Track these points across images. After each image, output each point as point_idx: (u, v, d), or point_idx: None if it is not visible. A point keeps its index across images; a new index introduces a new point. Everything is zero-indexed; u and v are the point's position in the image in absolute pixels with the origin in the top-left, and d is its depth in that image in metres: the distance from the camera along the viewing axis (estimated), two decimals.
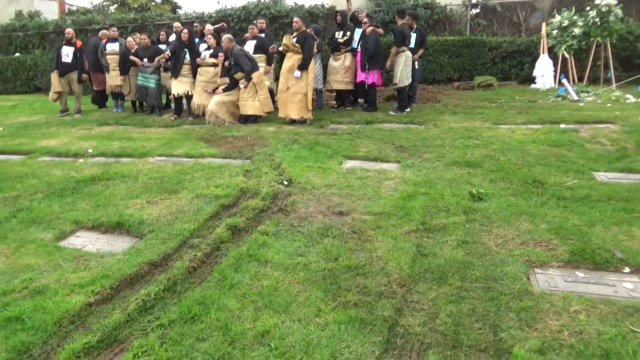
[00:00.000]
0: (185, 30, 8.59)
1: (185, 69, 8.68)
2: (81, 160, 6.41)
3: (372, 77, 8.27)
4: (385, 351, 2.40)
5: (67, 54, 9.63)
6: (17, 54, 15.56)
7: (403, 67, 8.01)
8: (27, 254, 3.63)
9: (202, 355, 2.41)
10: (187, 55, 8.64)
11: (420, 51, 8.67)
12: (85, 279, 3.18)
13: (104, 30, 10.51)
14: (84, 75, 9.94)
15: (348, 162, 5.76)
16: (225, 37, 7.89)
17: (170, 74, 8.84)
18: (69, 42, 9.76)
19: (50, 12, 17.88)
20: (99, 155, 6.65)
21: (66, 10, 17.39)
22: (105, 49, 9.91)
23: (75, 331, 2.70)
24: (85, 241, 3.92)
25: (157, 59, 9.12)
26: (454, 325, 2.55)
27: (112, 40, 10.05)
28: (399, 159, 5.74)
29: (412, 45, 8.51)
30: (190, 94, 8.69)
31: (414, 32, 8.51)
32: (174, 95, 8.79)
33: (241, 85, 7.81)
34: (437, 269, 3.13)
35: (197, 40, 9.17)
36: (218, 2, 18.93)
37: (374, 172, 5.25)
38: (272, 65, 8.88)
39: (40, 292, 3.05)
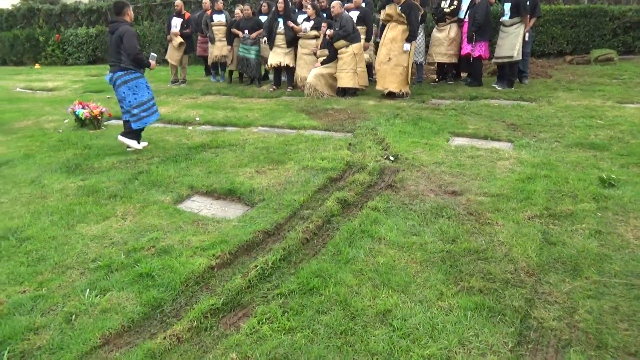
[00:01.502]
0: (281, 0, 8.56)
1: (279, 39, 8.64)
2: (190, 127, 6.69)
3: (479, 50, 7.78)
4: (519, 344, 2.24)
5: (176, 25, 10.05)
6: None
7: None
8: (151, 214, 3.85)
9: (324, 328, 2.41)
10: (281, 25, 8.61)
11: (532, 20, 7.95)
12: (205, 242, 3.31)
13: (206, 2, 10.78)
14: (182, 41, 10.26)
15: (455, 139, 5.50)
16: (336, 2, 7.75)
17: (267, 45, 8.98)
18: (179, 14, 10.17)
19: None
20: (205, 123, 6.92)
21: None
22: (212, 20, 10.19)
23: (200, 292, 2.82)
24: (200, 205, 4.09)
25: (254, 34, 9.22)
26: (596, 324, 2.33)
27: (218, 11, 10.32)
28: (512, 138, 5.38)
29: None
30: (286, 64, 8.71)
31: None
32: (270, 65, 8.88)
33: (365, 49, 7.84)
34: (569, 259, 2.88)
35: (296, 11, 9.13)
36: None
37: (485, 151, 4.96)
38: (372, 39, 8.63)
39: (167, 251, 3.22)
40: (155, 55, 5.82)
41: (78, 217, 3.84)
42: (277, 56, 8.69)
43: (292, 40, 8.57)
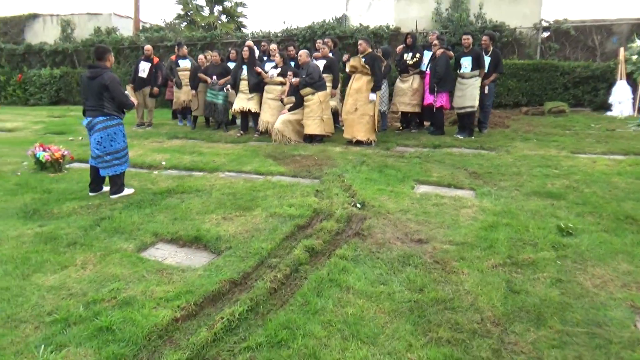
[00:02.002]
0: (245, 49, 8.82)
1: (243, 84, 8.86)
2: (156, 172, 6.59)
3: (440, 100, 8.14)
4: None
5: (144, 69, 10.09)
6: None
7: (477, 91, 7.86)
8: (113, 263, 3.72)
9: None
10: (245, 72, 8.82)
11: (495, 75, 8.41)
12: (169, 293, 3.22)
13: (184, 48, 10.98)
14: (155, 89, 10.35)
15: (420, 187, 5.62)
16: (303, 51, 8.03)
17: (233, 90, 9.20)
18: (147, 58, 10.23)
19: (125, 29, 18.84)
20: (171, 168, 6.84)
21: (140, 27, 18.24)
22: (177, 66, 10.31)
23: (163, 347, 2.71)
24: (165, 253, 3.99)
25: (222, 80, 9.38)
26: None
27: (183, 57, 10.47)
28: (474, 186, 5.56)
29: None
30: (249, 110, 8.82)
31: (488, 56, 8.32)
32: (235, 110, 9.00)
33: (331, 96, 8.22)
34: (533, 308, 2.94)
35: (265, 58, 9.38)
36: (284, 22, 19.48)
37: (449, 199, 5.09)
38: (338, 87, 8.92)
39: (128, 303, 3.10)
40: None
41: (34, 267, 3.67)
42: (241, 101, 8.86)
43: (256, 86, 8.76)
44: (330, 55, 8.79)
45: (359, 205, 4.90)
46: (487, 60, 8.19)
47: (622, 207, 4.67)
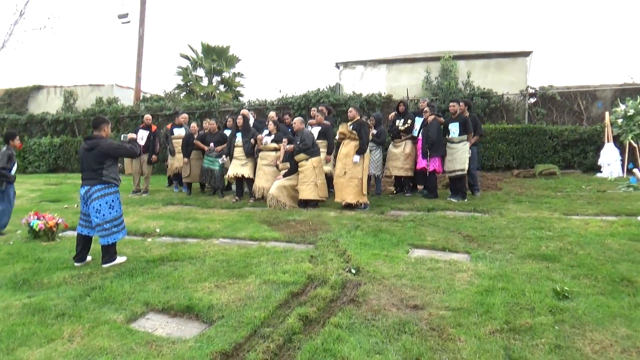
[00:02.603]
0: (240, 116, 9.12)
1: (238, 151, 9.06)
2: (150, 239, 6.54)
3: (433, 165, 8.31)
4: None
5: (142, 137, 10.31)
6: None
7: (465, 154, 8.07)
8: (101, 335, 3.63)
9: None
10: (239, 138, 9.06)
11: (475, 138, 8.61)
12: None
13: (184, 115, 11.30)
14: (154, 157, 10.53)
15: (415, 251, 5.59)
16: (298, 118, 8.30)
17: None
18: (146, 127, 10.50)
19: (126, 99, 19.43)
20: (166, 235, 6.79)
21: (141, 97, 18.74)
22: (172, 133, 10.57)
23: None
24: (155, 324, 3.90)
25: (219, 147, 9.61)
26: None
27: (178, 125, 10.78)
28: (468, 249, 5.53)
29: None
30: (242, 175, 8.96)
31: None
32: (229, 176, 9.14)
33: (326, 162, 8.39)
34: None
35: (264, 126, 9.70)
36: (279, 91, 21.09)
37: (444, 263, 5.06)
38: (332, 153, 9.13)
39: None
40: (127, 136, 5.96)
41: (20, 340, 3.57)
42: (235, 167, 9.02)
43: (250, 152, 8.96)
44: (326, 122, 9.05)
45: (353, 271, 4.86)
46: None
47: (617, 269, 4.65)
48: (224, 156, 9.34)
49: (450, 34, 58.56)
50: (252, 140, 8.93)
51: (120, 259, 5.51)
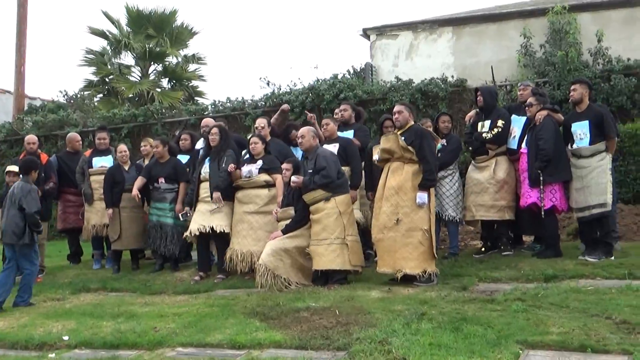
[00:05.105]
0: (215, 130, 6.19)
1: (204, 188, 6.14)
2: (52, 355, 4.55)
3: (551, 198, 5.66)
4: None
5: None
6: None
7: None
8: None
9: None
10: (206, 167, 6.12)
11: (613, 143, 5.76)
12: None
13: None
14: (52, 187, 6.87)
15: (531, 355, 3.87)
16: (307, 129, 5.61)
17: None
18: (30, 156, 6.85)
19: (1, 111, 14.24)
20: (81, 345, 4.64)
21: (25, 107, 13.28)
22: (91, 166, 7.19)
23: None
24: None
25: (180, 200, 6.55)
26: None
27: (101, 152, 7.34)
28: (628, 347, 3.69)
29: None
30: (211, 230, 6.00)
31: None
32: (191, 233, 6.09)
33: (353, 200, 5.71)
34: None
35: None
36: (268, 84, 11.79)
37: None
38: (360, 185, 6.12)
39: None
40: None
41: None
42: (201, 217, 6.04)
43: (226, 189, 5.98)
44: (347, 135, 6.24)
45: None
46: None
47: None
48: (186, 208, 6.37)
49: None
50: (231, 167, 5.98)
51: None
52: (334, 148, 5.85)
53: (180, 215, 6.35)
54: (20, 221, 5.40)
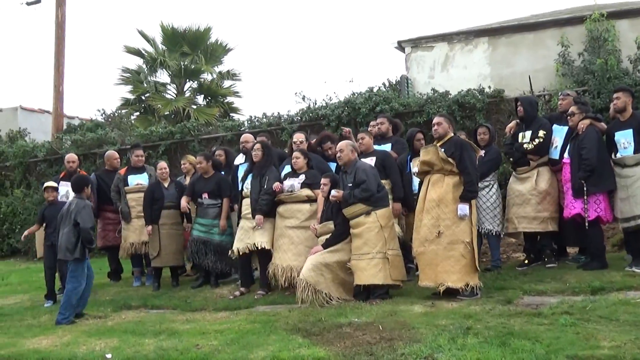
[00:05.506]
0: (258, 146, 6.00)
1: (245, 205, 6.04)
2: None
3: (595, 209, 5.42)
4: None
5: (66, 192, 6.82)
6: None
7: None
8: None
9: None
10: (248, 183, 5.98)
11: None
12: None
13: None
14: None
15: None
16: (345, 143, 5.42)
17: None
18: (70, 176, 6.97)
19: (39, 131, 14.01)
20: None
21: (64, 126, 13.31)
22: (126, 184, 7.08)
23: None
24: None
25: (224, 214, 6.42)
26: None
27: (137, 169, 7.18)
28: None
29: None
30: (258, 247, 5.88)
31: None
32: (237, 251, 5.97)
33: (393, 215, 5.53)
34: None
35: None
36: (304, 98, 11.29)
37: None
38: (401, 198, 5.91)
39: None
40: None
41: None
42: (245, 235, 5.90)
43: (267, 206, 5.83)
44: (385, 148, 6.10)
45: None
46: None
47: None
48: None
49: None
50: (276, 185, 5.81)
51: None
52: (370, 161, 5.68)
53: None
54: (72, 236, 5.31)
